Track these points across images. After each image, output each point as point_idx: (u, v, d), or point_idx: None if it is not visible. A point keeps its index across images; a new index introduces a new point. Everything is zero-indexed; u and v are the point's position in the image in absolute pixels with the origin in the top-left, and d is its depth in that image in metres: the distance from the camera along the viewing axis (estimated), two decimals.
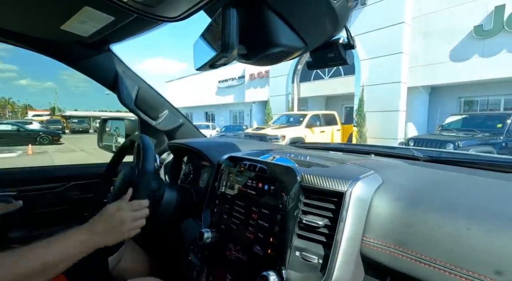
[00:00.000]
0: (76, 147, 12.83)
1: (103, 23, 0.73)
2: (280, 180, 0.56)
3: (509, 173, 0.65)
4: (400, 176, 0.55)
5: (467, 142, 5.73)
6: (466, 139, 5.81)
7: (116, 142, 1.55)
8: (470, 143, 5.73)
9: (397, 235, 0.43)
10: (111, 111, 38.73)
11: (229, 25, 0.44)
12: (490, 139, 5.90)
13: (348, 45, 0.59)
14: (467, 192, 0.47)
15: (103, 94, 37.79)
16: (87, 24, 0.73)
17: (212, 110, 20.92)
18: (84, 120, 29.77)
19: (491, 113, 7.51)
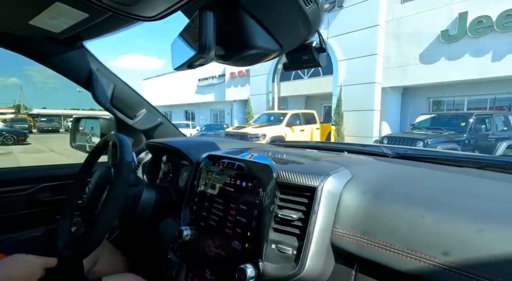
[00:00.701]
0: (45, 147, 12.07)
1: (75, 20, 0.71)
2: (257, 177, 0.59)
3: (463, 167, 0.72)
4: (368, 171, 0.60)
5: (434, 139, 6.13)
6: (434, 137, 6.22)
7: (90, 142, 1.49)
8: (437, 140, 6.14)
9: (363, 225, 0.47)
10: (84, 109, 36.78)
11: (205, 27, 0.46)
12: (455, 137, 6.35)
13: (320, 49, 0.63)
14: (425, 185, 0.52)
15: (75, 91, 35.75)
16: (58, 20, 0.71)
17: (192, 109, 20.58)
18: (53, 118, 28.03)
19: (456, 113, 8.07)
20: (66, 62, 0.99)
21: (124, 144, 0.79)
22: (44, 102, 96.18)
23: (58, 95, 78.34)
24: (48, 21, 0.71)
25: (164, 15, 0.59)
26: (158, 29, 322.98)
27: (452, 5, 8.66)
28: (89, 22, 0.72)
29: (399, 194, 0.48)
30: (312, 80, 11.71)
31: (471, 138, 6.39)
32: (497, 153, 6.52)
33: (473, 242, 0.36)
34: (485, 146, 6.48)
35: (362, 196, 0.51)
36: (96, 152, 0.98)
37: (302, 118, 9.56)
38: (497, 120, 6.86)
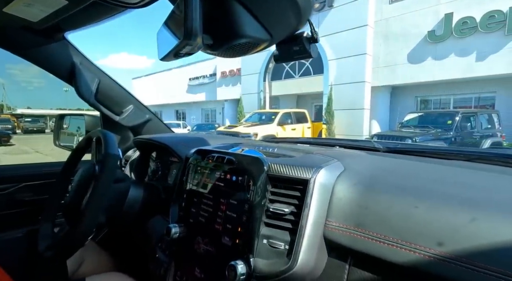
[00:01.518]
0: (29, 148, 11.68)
1: (53, 8, 0.67)
2: (247, 171, 0.57)
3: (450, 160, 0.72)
4: (360, 164, 0.59)
5: (422, 137, 6.26)
6: (422, 135, 6.35)
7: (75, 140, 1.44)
8: (425, 138, 6.27)
9: (355, 217, 0.46)
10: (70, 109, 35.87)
11: (191, 12, 0.43)
12: (441, 134, 6.50)
13: (312, 39, 0.61)
14: (415, 176, 0.52)
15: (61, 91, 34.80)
16: (35, 8, 0.67)
17: (183, 109, 20.36)
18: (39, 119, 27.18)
19: (442, 111, 8.27)
20: (47, 55, 0.94)
21: (108, 138, 0.76)
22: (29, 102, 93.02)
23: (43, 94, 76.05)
24: (24, 8, 0.67)
25: (149, 1, 0.57)
26: (147, 27, 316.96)
27: (438, 6, 8.86)
28: (69, 10, 0.68)
29: (391, 185, 0.47)
30: (303, 79, 11.77)
31: (457, 135, 6.55)
32: None
33: (467, 231, 0.35)
34: (470, 144, 6.66)
35: (354, 187, 0.49)
36: (79, 150, 0.94)
37: (294, 117, 9.60)
38: (481, 118, 7.07)
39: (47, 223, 0.91)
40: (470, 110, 7.93)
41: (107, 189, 0.70)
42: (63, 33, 0.90)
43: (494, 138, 6.98)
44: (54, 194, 0.93)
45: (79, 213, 0.75)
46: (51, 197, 0.93)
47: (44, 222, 0.91)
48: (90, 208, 0.68)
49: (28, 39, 0.86)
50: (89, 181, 0.78)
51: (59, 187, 0.94)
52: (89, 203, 0.69)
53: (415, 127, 7.19)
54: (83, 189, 0.78)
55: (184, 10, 0.43)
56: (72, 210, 0.79)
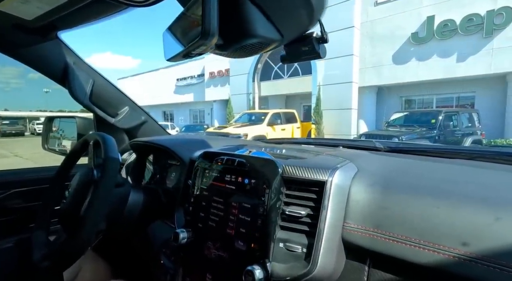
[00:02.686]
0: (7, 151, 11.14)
1: (52, 5, 0.63)
2: (261, 173, 0.56)
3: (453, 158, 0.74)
4: (371, 164, 0.59)
5: (408, 136, 6.44)
6: (407, 134, 6.54)
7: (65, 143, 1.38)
8: (411, 137, 6.46)
9: (374, 218, 0.46)
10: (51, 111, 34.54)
11: (209, 11, 0.42)
12: (426, 133, 6.72)
13: (321, 39, 0.61)
14: (429, 175, 0.52)
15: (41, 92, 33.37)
16: (31, 5, 0.63)
17: (171, 109, 20.04)
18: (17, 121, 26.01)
19: (426, 111, 8.54)
20: (39, 55, 0.90)
21: (108, 142, 0.74)
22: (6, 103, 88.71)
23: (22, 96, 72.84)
24: (17, 5, 0.63)
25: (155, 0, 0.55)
26: (133, 27, 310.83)
27: (421, 9, 9.16)
28: (68, 8, 0.65)
29: (407, 186, 0.48)
30: (292, 80, 11.85)
31: (441, 134, 6.79)
32: None
33: (492, 231, 0.36)
34: (453, 142, 6.92)
35: (370, 188, 0.49)
36: (75, 154, 0.90)
37: (283, 117, 9.65)
38: (462, 117, 7.36)
39: (41, 231, 0.87)
40: (452, 109, 8.24)
41: (108, 194, 0.68)
42: (56, 32, 0.86)
43: (474, 136, 7.28)
44: (48, 200, 0.89)
45: (78, 220, 0.72)
46: (44, 203, 0.89)
47: (37, 230, 0.87)
48: (91, 214, 0.65)
49: (19, 38, 0.81)
50: (88, 186, 0.75)
51: (54, 192, 0.89)
52: (89, 210, 0.66)
53: (401, 126, 7.39)
54: (81, 194, 0.75)
55: (202, 10, 0.42)
56: (70, 217, 0.75)
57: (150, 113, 1.28)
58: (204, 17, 0.42)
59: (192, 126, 14.51)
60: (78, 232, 0.64)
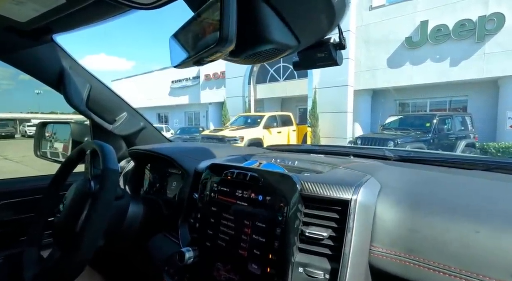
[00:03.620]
0: None
1: (48, 7, 0.58)
2: (277, 190, 0.52)
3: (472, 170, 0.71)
4: (393, 178, 0.56)
5: (403, 139, 6.49)
6: (403, 137, 6.58)
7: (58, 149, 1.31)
8: (406, 140, 6.51)
9: (405, 242, 0.42)
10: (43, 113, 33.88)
11: (228, 16, 0.38)
12: (421, 136, 6.78)
13: (339, 45, 0.58)
14: (459, 192, 0.49)
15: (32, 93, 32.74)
16: (26, 6, 0.58)
17: (166, 112, 19.86)
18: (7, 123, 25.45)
19: (421, 114, 8.65)
20: (32, 58, 0.84)
21: (107, 152, 0.69)
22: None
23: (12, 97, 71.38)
24: (11, 6, 0.58)
25: (164, 2, 0.51)
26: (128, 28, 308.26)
27: (415, 14, 9.29)
28: (66, 10, 0.60)
29: (439, 204, 0.44)
30: (288, 83, 11.87)
31: (435, 137, 6.86)
32: (458, 150, 7.08)
33: None
34: (446, 145, 7.00)
35: (397, 207, 0.46)
36: (70, 163, 0.85)
37: (279, 120, 9.63)
38: (456, 120, 7.45)
39: (33, 247, 0.81)
40: (446, 113, 8.34)
41: (107, 208, 0.63)
42: (51, 35, 0.81)
43: (468, 139, 7.38)
44: (42, 212, 0.83)
45: (74, 236, 0.67)
46: (38, 215, 0.83)
47: (29, 246, 0.81)
48: (89, 230, 0.60)
49: (12, 41, 0.76)
50: (85, 199, 0.70)
51: (48, 204, 0.84)
52: (87, 225, 0.61)
53: (396, 129, 7.45)
54: (77, 208, 0.69)
55: (221, 15, 0.38)
56: (65, 232, 0.70)
57: (145, 115, 1.23)
58: (222, 22, 0.38)
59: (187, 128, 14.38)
60: (74, 250, 0.59)
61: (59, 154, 1.28)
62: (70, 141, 1.24)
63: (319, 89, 10.40)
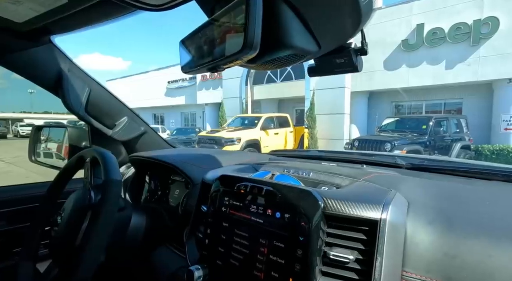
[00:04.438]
0: None
1: (47, 7, 0.54)
2: (297, 207, 0.48)
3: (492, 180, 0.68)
4: (418, 193, 0.52)
5: (400, 141, 6.52)
6: (400, 139, 6.61)
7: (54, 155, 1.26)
8: (403, 142, 6.53)
9: (442, 268, 0.38)
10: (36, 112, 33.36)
11: (254, 20, 0.34)
12: (417, 138, 6.81)
13: (360, 51, 0.54)
14: (493, 211, 0.46)
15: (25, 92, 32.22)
16: (23, 6, 0.53)
17: (162, 112, 19.71)
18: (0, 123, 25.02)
19: (417, 116, 8.70)
20: (29, 61, 0.79)
21: (109, 161, 0.65)
22: None
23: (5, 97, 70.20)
24: (8, 6, 0.53)
25: (176, 4, 0.47)
26: (124, 27, 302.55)
27: (411, 17, 9.36)
28: (67, 10, 0.56)
29: (474, 225, 0.41)
30: (285, 84, 11.86)
31: (431, 139, 6.91)
32: (453, 152, 7.14)
33: None
34: (442, 147, 7.05)
35: (430, 228, 0.42)
36: (69, 170, 0.81)
37: (276, 121, 9.60)
38: (452, 123, 7.52)
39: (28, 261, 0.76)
40: (442, 115, 8.41)
41: (110, 222, 0.59)
42: (49, 36, 0.76)
43: (463, 141, 7.45)
44: (38, 223, 0.78)
45: (74, 251, 0.62)
46: (33, 225, 0.78)
47: (24, 258, 0.76)
48: (90, 247, 0.56)
49: (7, 43, 0.71)
50: (85, 211, 0.66)
51: (44, 213, 0.79)
52: (89, 240, 0.56)
53: (393, 131, 7.48)
54: (77, 220, 0.65)
55: (246, 19, 0.34)
56: (64, 246, 0.65)
57: (140, 115, 1.18)
58: (247, 27, 0.34)
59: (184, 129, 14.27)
60: (75, 268, 0.55)
61: (56, 160, 1.23)
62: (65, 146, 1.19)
63: (316, 91, 10.41)
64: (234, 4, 0.36)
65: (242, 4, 0.35)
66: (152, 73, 18.66)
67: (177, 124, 17.95)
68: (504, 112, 8.23)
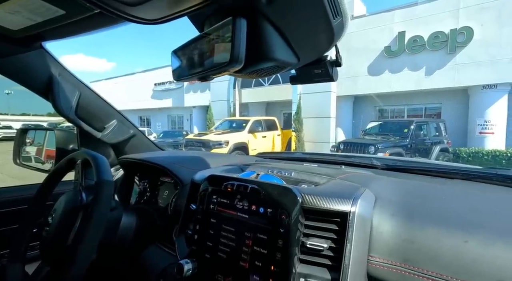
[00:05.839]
0: None
1: (44, 17, 0.57)
2: (278, 202, 0.53)
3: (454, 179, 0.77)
4: (386, 190, 0.59)
5: (384, 144, 6.75)
6: (383, 142, 6.85)
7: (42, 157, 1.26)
8: (386, 145, 6.77)
9: (401, 252, 0.45)
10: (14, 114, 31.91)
11: (239, 38, 0.40)
12: (399, 142, 7.08)
13: (335, 63, 0.61)
14: (447, 204, 0.53)
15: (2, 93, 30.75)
16: (20, 16, 0.56)
17: (148, 115, 19.39)
18: None
19: (399, 120, 9.04)
20: (20, 65, 0.81)
21: (101, 163, 0.68)
22: None
23: None
24: (4, 15, 0.56)
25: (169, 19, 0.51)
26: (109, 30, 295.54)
27: (393, 25, 9.76)
28: (62, 21, 0.59)
29: (430, 215, 0.48)
30: (272, 88, 12.00)
31: (412, 142, 7.20)
32: (433, 155, 7.46)
33: None
34: (423, 150, 7.35)
35: (392, 219, 0.49)
36: (59, 172, 0.82)
37: (264, 124, 9.69)
38: (431, 126, 7.86)
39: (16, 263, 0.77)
40: (422, 119, 8.78)
41: (102, 222, 0.62)
42: (41, 42, 0.79)
43: (442, 144, 7.80)
44: (27, 224, 0.79)
45: (65, 250, 0.64)
46: (22, 227, 0.79)
47: (13, 260, 0.77)
48: (83, 244, 0.58)
49: None
50: (76, 211, 0.68)
51: (33, 214, 0.80)
52: (81, 239, 0.59)
53: (377, 134, 7.74)
54: (69, 220, 0.67)
55: (232, 36, 0.39)
56: (55, 247, 0.67)
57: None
58: (233, 44, 0.40)
59: (171, 132, 14.10)
60: (67, 266, 0.57)
61: (42, 163, 1.23)
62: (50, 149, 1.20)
63: (303, 95, 10.60)
64: (223, 23, 0.42)
65: (229, 24, 0.40)
66: (138, 75, 18.37)
67: (163, 127, 17.70)
68: (479, 117, 8.69)
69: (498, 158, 7.69)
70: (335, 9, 0.47)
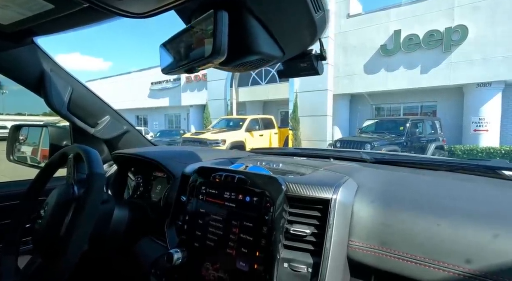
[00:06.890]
0: None
1: (34, 11, 0.58)
2: (263, 191, 0.55)
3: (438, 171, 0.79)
4: (369, 179, 0.61)
5: (380, 142, 6.80)
6: (379, 140, 6.90)
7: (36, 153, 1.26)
8: (382, 143, 6.82)
9: (379, 236, 0.47)
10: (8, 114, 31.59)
11: (221, 30, 0.41)
12: (395, 139, 7.14)
13: (320, 56, 0.63)
14: (426, 191, 0.55)
15: None
16: (10, 10, 0.57)
17: (145, 114, 19.32)
18: None
19: (395, 118, 9.09)
20: (12, 61, 0.82)
21: (93, 157, 0.69)
22: None
23: None
24: None
25: (156, 13, 0.53)
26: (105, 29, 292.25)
27: (389, 23, 9.81)
28: (52, 15, 0.60)
29: (408, 202, 0.50)
30: (270, 86, 12.02)
31: (408, 140, 7.26)
32: (428, 152, 7.53)
33: (491, 248, 0.38)
34: (418, 147, 7.41)
35: (372, 205, 0.51)
36: (51, 167, 0.83)
37: (261, 123, 9.71)
38: (427, 124, 7.93)
39: (9, 256, 0.78)
40: (418, 117, 8.85)
41: (93, 213, 0.63)
42: (32, 37, 0.79)
43: (437, 142, 7.87)
44: (19, 219, 0.80)
45: (57, 242, 0.66)
46: (14, 221, 0.80)
47: (5, 253, 0.78)
48: (75, 236, 0.60)
49: None
50: (68, 205, 0.69)
51: (25, 209, 0.81)
52: (73, 230, 0.61)
53: (373, 132, 7.79)
54: (61, 212, 0.69)
55: (214, 29, 0.41)
56: (48, 237, 0.69)
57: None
58: (215, 36, 0.41)
59: (168, 131, 14.08)
60: (60, 256, 0.59)
61: (36, 159, 1.24)
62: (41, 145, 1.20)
63: (300, 93, 10.63)
64: (206, 16, 0.43)
65: (211, 16, 0.42)
66: (134, 74, 18.29)
67: (160, 126, 17.66)
68: (473, 115, 8.78)
69: (492, 155, 7.78)
70: (317, 3, 0.49)
